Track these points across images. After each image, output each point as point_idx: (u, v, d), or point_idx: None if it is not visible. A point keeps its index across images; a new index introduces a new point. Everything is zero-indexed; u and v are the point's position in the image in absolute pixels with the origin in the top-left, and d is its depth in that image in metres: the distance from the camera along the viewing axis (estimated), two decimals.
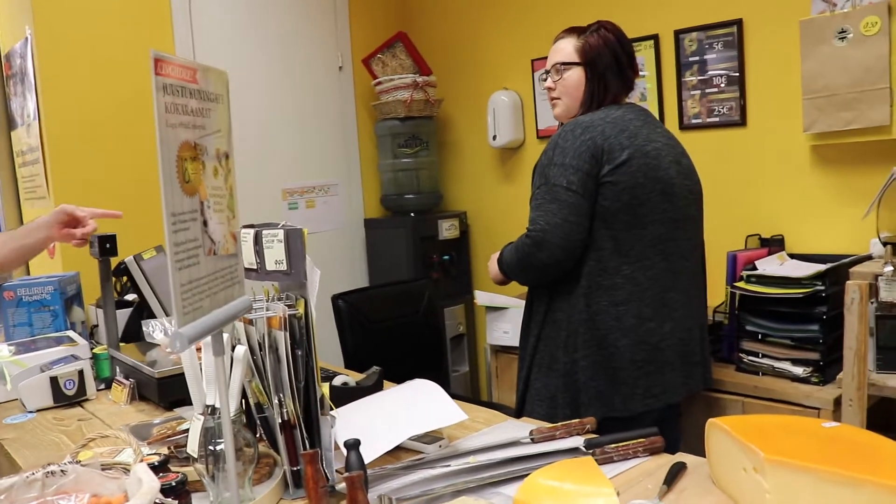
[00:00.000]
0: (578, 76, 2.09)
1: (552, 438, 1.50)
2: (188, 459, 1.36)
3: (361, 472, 1.17)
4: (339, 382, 1.89)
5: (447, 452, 1.47)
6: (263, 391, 1.33)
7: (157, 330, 2.24)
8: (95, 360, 2.16)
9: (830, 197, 2.68)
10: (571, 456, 1.38)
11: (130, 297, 2.62)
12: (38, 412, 1.95)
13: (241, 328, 1.32)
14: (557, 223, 1.93)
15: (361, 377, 2.00)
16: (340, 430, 1.41)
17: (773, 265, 2.51)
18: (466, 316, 4.01)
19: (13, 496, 1.07)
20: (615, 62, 2.08)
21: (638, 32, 3.14)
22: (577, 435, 1.52)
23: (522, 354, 2.15)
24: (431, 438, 1.53)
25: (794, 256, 2.63)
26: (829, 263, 2.34)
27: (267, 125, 3.68)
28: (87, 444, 1.40)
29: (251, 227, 1.38)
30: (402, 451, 1.51)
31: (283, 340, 1.28)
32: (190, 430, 1.30)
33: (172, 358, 2.00)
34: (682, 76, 3.04)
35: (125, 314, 2.47)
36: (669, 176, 2.00)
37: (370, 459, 1.33)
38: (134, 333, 2.40)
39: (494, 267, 2.19)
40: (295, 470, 1.33)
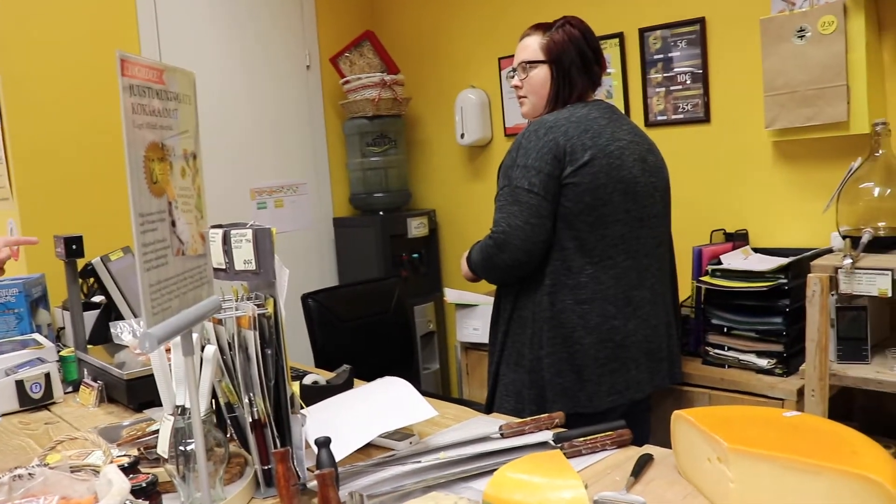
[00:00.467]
0: (544, 74, 2.10)
1: (521, 433, 1.52)
2: (158, 460, 1.36)
3: (332, 469, 1.18)
4: (309, 381, 1.90)
5: (417, 449, 1.48)
6: (233, 391, 1.33)
7: (125, 331, 2.23)
8: (62, 362, 2.14)
9: (792, 192, 2.73)
10: (540, 450, 1.40)
11: (98, 298, 2.59)
12: (3, 416, 1.93)
13: (210, 328, 1.32)
14: (519, 225, 1.95)
15: (332, 376, 2.00)
16: (311, 428, 1.41)
17: (737, 259, 2.55)
18: (436, 313, 4.02)
19: None
20: (580, 59, 2.08)
21: (603, 30, 3.17)
22: (546, 429, 1.54)
23: (491, 350, 2.17)
24: (402, 435, 1.54)
25: (757, 250, 2.68)
26: (791, 257, 2.39)
27: (234, 125, 3.66)
28: (55, 446, 1.39)
29: (220, 227, 1.38)
30: (372, 448, 1.52)
31: (252, 340, 1.28)
32: (160, 430, 1.30)
33: (141, 359, 1.99)
34: (647, 74, 3.08)
35: (92, 316, 2.45)
36: (633, 175, 2.01)
37: (341, 457, 1.34)
38: (101, 335, 2.38)
39: (465, 265, 2.20)
40: (266, 469, 1.33)
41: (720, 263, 2.51)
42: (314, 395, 1.74)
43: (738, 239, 2.80)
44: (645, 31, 3.05)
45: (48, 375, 2.00)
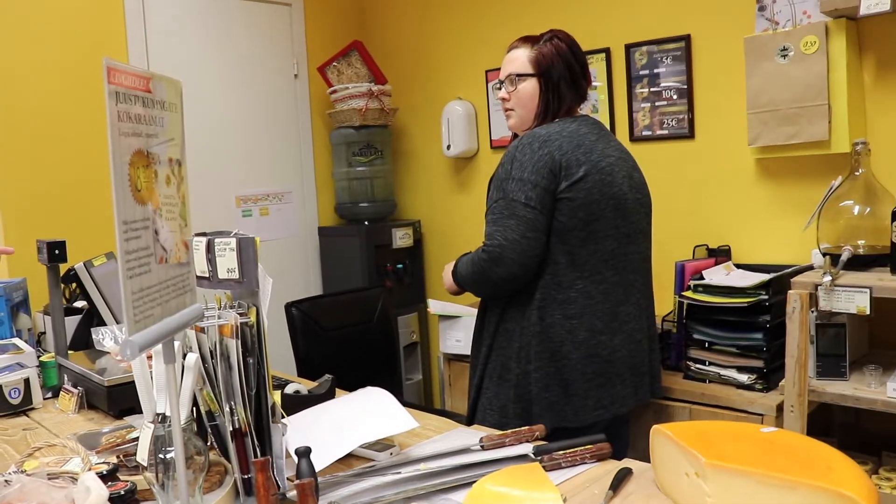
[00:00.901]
0: (533, 87, 2.10)
1: (502, 445, 1.52)
2: (138, 468, 1.35)
3: (312, 479, 1.18)
4: (291, 390, 1.89)
5: (398, 460, 1.48)
6: (215, 399, 1.33)
7: (107, 337, 2.21)
8: (42, 367, 2.13)
9: (774, 209, 2.76)
10: (520, 462, 1.40)
11: (80, 304, 2.58)
12: None
13: (192, 336, 1.32)
14: (515, 239, 1.93)
15: (314, 385, 2.00)
16: (292, 437, 1.41)
17: (719, 275, 2.57)
18: (420, 324, 4.02)
19: None
20: (569, 72, 2.08)
21: (589, 46, 3.20)
22: (526, 442, 1.54)
23: (474, 363, 2.16)
24: (383, 446, 1.54)
25: (739, 266, 2.70)
26: (772, 273, 2.41)
27: (222, 132, 3.66)
28: (32, 453, 1.38)
29: (203, 235, 1.38)
30: (353, 458, 1.52)
31: (234, 348, 1.28)
32: (140, 438, 1.29)
33: (123, 366, 1.98)
34: (632, 89, 3.10)
35: (74, 321, 2.43)
36: (622, 191, 2.03)
37: (321, 467, 1.34)
38: (83, 341, 2.36)
39: (449, 278, 2.19)
40: (246, 478, 1.33)
41: (702, 279, 2.52)
42: (296, 404, 1.74)
43: (720, 255, 2.83)
44: (631, 46, 3.08)
45: (27, 381, 1.99)
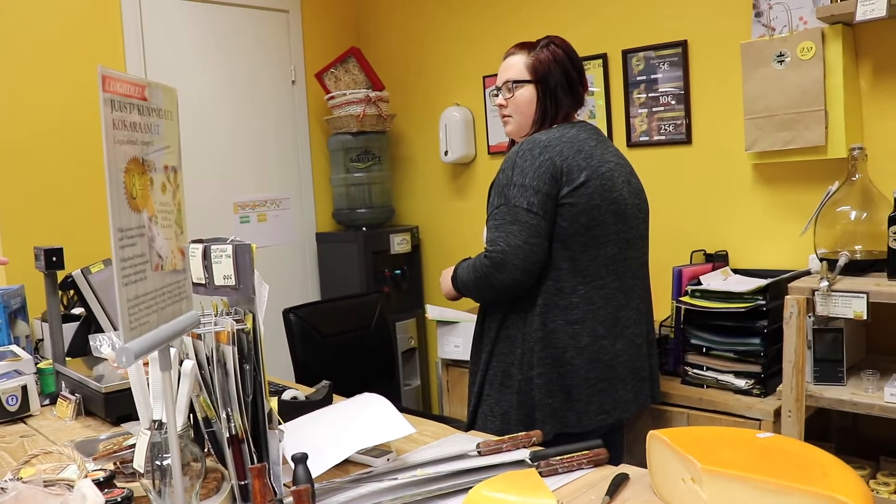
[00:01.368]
0: (530, 94, 2.10)
1: (498, 451, 1.52)
2: (135, 475, 1.35)
3: (309, 485, 1.18)
4: (288, 396, 1.89)
5: (395, 466, 1.48)
6: (211, 406, 1.33)
7: (104, 344, 2.21)
8: (40, 374, 2.13)
9: (771, 214, 2.76)
10: (517, 468, 1.40)
11: (77, 310, 2.58)
12: None
13: (189, 343, 1.32)
14: (518, 245, 1.93)
15: (311, 391, 2.00)
16: (289, 444, 1.41)
17: (717, 280, 2.57)
18: (418, 330, 4.02)
19: None
20: (566, 78, 2.09)
21: (587, 51, 3.20)
22: (523, 448, 1.54)
23: (474, 369, 2.15)
24: (380, 452, 1.54)
25: (737, 271, 2.70)
26: (769, 279, 2.41)
27: (219, 139, 3.67)
28: (29, 460, 1.38)
29: (200, 241, 1.39)
30: (350, 464, 1.52)
31: (231, 355, 1.28)
32: (136, 445, 1.29)
33: (120, 373, 1.98)
34: (629, 95, 3.11)
35: (72, 328, 2.44)
36: (622, 197, 2.03)
37: (318, 473, 1.34)
38: (81, 348, 2.36)
39: (447, 283, 2.18)
40: (242, 484, 1.33)
41: (700, 284, 2.53)
42: (293, 410, 1.74)
43: (717, 260, 2.83)
44: (628, 52, 3.09)
45: (25, 388, 1.99)
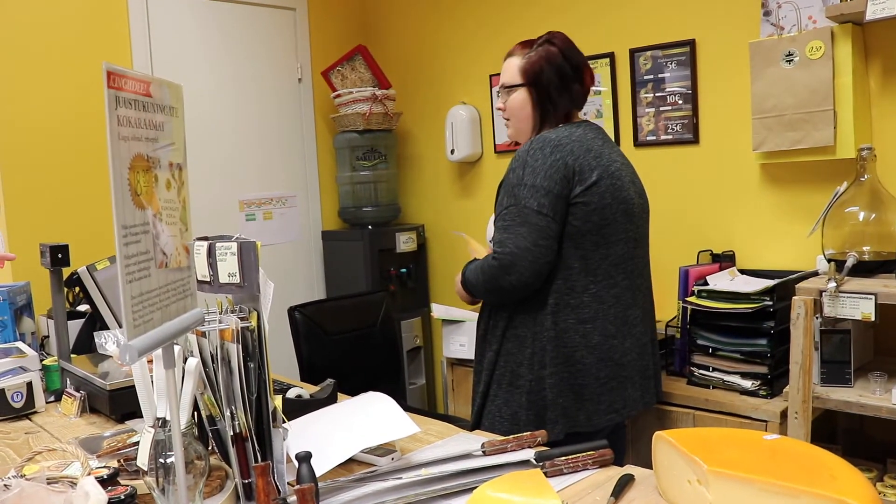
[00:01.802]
0: (523, 97, 2.10)
1: (503, 451, 1.52)
2: (138, 472, 1.35)
3: (312, 484, 1.18)
4: (293, 395, 1.89)
5: (399, 465, 1.48)
6: (215, 403, 1.32)
7: (109, 341, 2.22)
8: (45, 371, 2.13)
9: (779, 214, 2.75)
10: (522, 468, 1.40)
11: (83, 307, 2.58)
12: None
13: (193, 340, 1.32)
14: (527, 247, 1.92)
15: (316, 389, 2.00)
16: (293, 442, 1.41)
17: (723, 280, 2.56)
18: (423, 329, 4.02)
19: None
20: (559, 78, 2.07)
21: (594, 50, 3.19)
22: (528, 448, 1.54)
23: (479, 369, 2.14)
24: (384, 451, 1.54)
25: (744, 272, 2.69)
26: (776, 279, 2.40)
27: (225, 136, 3.67)
28: (32, 457, 1.38)
29: (205, 239, 1.38)
30: (354, 463, 1.51)
31: (235, 353, 1.28)
32: (140, 442, 1.29)
33: (125, 370, 1.98)
34: (637, 94, 3.10)
35: (77, 325, 2.44)
36: (630, 196, 2.04)
37: (322, 472, 1.34)
38: (86, 345, 2.36)
39: (460, 287, 2.17)
40: (246, 482, 1.32)
41: (706, 284, 2.51)
42: (297, 408, 1.74)
43: (724, 260, 2.82)
44: (636, 51, 3.08)
45: (30, 384, 1.99)
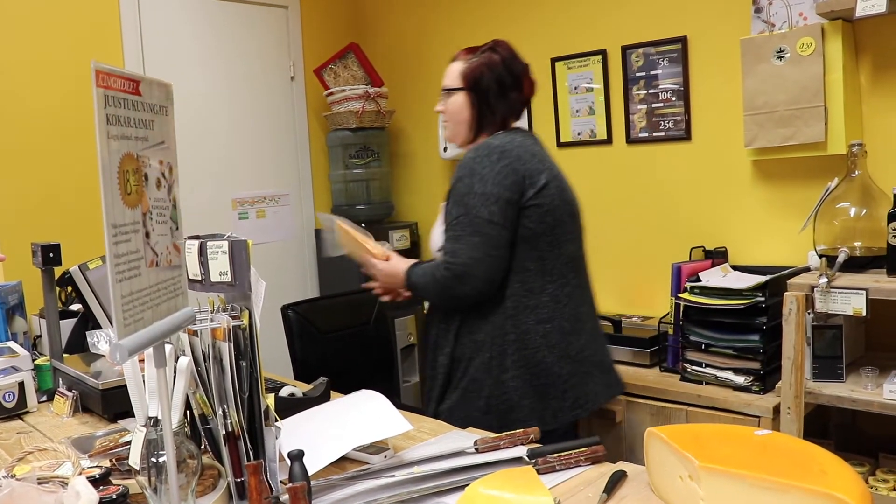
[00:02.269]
0: (461, 101, 2.11)
1: (496, 448, 1.52)
2: (130, 472, 1.34)
3: (305, 483, 1.17)
4: (286, 393, 1.89)
5: (392, 463, 1.48)
6: (208, 402, 1.32)
7: (102, 340, 2.21)
8: (38, 371, 2.12)
9: (771, 210, 2.75)
10: (514, 465, 1.40)
11: (75, 307, 2.57)
12: None
13: (185, 339, 1.31)
14: (479, 257, 1.94)
15: (309, 388, 2.00)
16: (286, 440, 1.41)
17: (716, 277, 2.57)
18: (417, 326, 4.01)
19: None
20: (497, 85, 2.09)
21: (586, 47, 3.20)
22: (520, 445, 1.54)
23: (432, 374, 2.12)
24: (377, 449, 1.54)
25: (736, 268, 2.70)
26: (769, 275, 2.41)
27: (217, 135, 3.66)
28: (23, 457, 1.38)
29: (196, 238, 1.38)
30: (346, 461, 1.51)
31: (227, 351, 1.28)
32: (132, 442, 1.29)
33: (117, 369, 1.98)
34: (629, 91, 3.10)
35: (69, 324, 2.43)
36: (573, 197, 2.10)
37: (315, 470, 1.34)
38: (78, 344, 2.36)
39: (397, 277, 2.14)
40: (239, 481, 1.32)
41: (699, 280, 2.52)
42: (290, 407, 1.74)
43: (717, 256, 2.82)
44: (627, 48, 3.08)
45: (22, 384, 1.98)
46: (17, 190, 3.01)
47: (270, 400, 1.34)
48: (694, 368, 2.51)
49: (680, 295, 2.55)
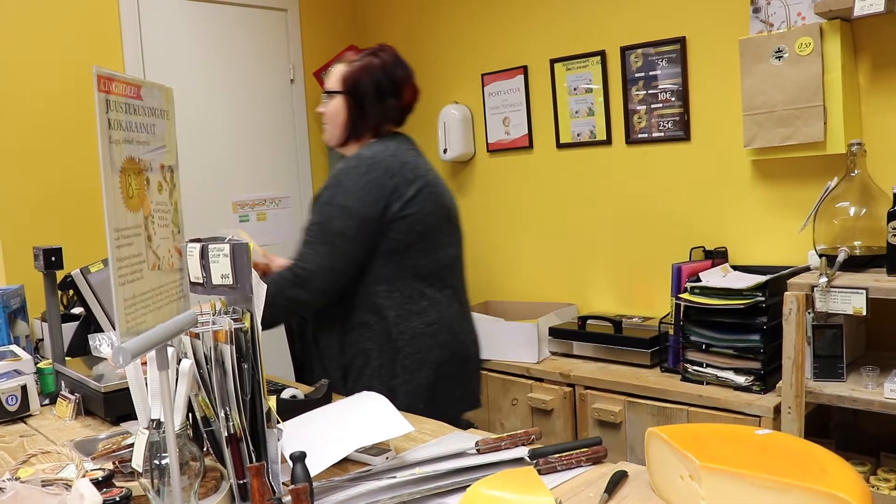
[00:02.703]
0: (339, 104, 2.13)
1: (497, 449, 1.52)
2: (133, 474, 1.35)
3: (307, 484, 1.18)
4: (287, 395, 1.89)
5: (393, 464, 1.48)
6: (210, 405, 1.33)
7: (104, 344, 2.21)
8: (40, 374, 2.13)
9: (771, 210, 2.76)
10: (516, 466, 1.40)
11: (77, 310, 2.58)
12: None
13: (187, 342, 1.32)
14: (324, 267, 1.97)
15: (310, 390, 2.00)
16: (287, 442, 1.41)
17: (716, 277, 2.57)
18: None
19: None
20: (375, 90, 2.10)
21: (585, 48, 3.21)
22: (522, 445, 1.54)
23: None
24: (378, 450, 1.54)
25: (736, 268, 2.70)
26: (769, 275, 2.41)
27: (218, 137, 3.67)
28: (27, 460, 1.38)
29: (198, 241, 1.38)
30: (348, 463, 1.52)
31: (229, 354, 1.28)
32: (135, 444, 1.29)
33: (119, 372, 1.98)
34: (628, 91, 3.10)
35: (71, 328, 2.44)
36: (449, 201, 2.14)
37: (316, 472, 1.34)
38: (80, 347, 2.36)
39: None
40: (241, 483, 1.33)
41: (699, 281, 2.53)
42: (292, 409, 1.74)
43: (717, 256, 2.83)
44: (627, 49, 3.08)
45: (24, 387, 1.99)
46: (18, 193, 3.02)
47: (272, 402, 1.34)
48: (695, 369, 2.51)
49: (680, 295, 2.55)
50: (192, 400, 1.34)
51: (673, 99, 2.97)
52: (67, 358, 2.24)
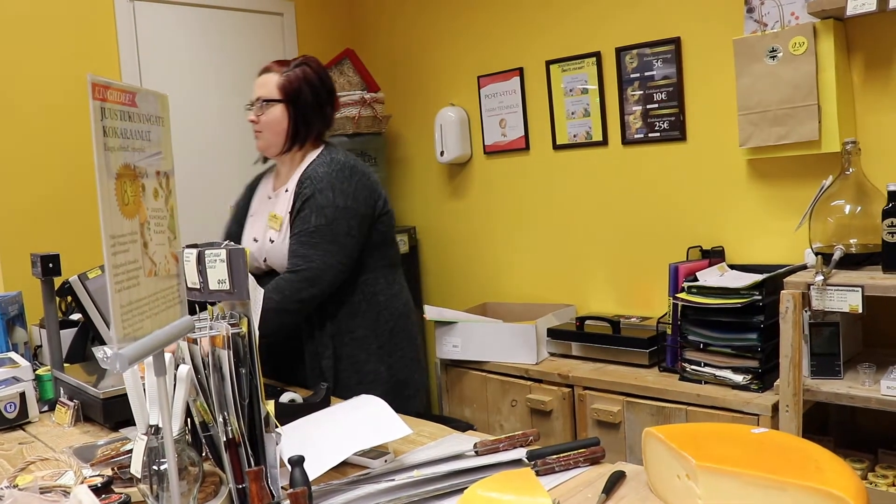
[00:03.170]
0: (280, 113, 2.20)
1: (495, 451, 1.53)
2: (132, 480, 1.35)
3: (306, 488, 1.18)
4: (286, 399, 1.90)
5: (392, 467, 1.48)
6: (208, 410, 1.33)
7: (108, 355, 2.22)
8: (39, 381, 2.13)
9: (767, 209, 2.76)
10: (514, 468, 1.41)
11: (75, 316, 2.58)
12: None
13: (185, 347, 1.32)
14: (332, 264, 2.11)
15: (309, 394, 2.01)
16: (286, 446, 1.42)
17: (713, 276, 2.57)
18: None
19: None
20: (315, 99, 2.22)
21: (580, 49, 3.21)
22: (520, 447, 1.55)
23: (313, 375, 2.22)
24: (377, 453, 1.54)
25: (733, 267, 2.70)
26: (765, 274, 2.42)
27: (213, 142, 3.67)
28: (25, 467, 1.39)
29: (194, 246, 1.39)
30: (347, 466, 1.52)
31: (226, 359, 1.29)
32: (133, 450, 1.30)
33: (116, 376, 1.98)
34: (624, 92, 3.11)
35: (70, 334, 2.44)
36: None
37: (315, 475, 1.34)
38: (79, 354, 2.37)
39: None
40: (240, 488, 1.33)
41: (696, 280, 2.53)
42: (290, 412, 1.74)
43: (714, 256, 2.83)
44: (622, 49, 3.09)
45: (23, 394, 1.99)
46: (15, 200, 3.02)
47: (270, 406, 1.35)
48: (693, 368, 2.52)
49: (678, 295, 2.56)
50: (190, 405, 1.34)
51: (668, 99, 2.97)
52: (66, 364, 2.25)
